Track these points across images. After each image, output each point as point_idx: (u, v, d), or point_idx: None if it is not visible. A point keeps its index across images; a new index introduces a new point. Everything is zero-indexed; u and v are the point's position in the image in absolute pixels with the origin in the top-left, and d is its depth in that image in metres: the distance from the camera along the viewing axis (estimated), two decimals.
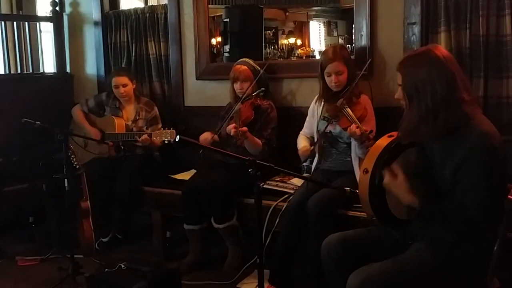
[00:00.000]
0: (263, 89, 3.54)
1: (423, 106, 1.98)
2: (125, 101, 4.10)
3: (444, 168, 2.00)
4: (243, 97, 3.50)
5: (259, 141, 3.42)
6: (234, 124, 3.31)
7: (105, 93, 4.28)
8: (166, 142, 3.64)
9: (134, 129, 4.02)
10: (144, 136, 3.75)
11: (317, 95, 3.31)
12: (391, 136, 2.22)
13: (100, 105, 4.25)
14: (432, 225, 2.05)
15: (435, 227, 2.04)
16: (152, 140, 3.76)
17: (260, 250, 2.18)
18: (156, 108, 4.13)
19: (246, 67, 3.57)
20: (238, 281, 3.30)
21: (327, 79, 3.16)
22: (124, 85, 4.03)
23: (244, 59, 3.67)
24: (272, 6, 6.50)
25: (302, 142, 3.30)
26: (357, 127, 2.84)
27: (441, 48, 2.07)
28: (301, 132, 3.40)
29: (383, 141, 2.22)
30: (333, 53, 3.12)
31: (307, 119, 3.39)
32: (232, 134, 3.31)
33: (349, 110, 2.97)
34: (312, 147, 3.14)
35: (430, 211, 2.00)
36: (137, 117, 4.08)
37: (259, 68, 3.61)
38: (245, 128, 3.30)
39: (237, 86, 3.57)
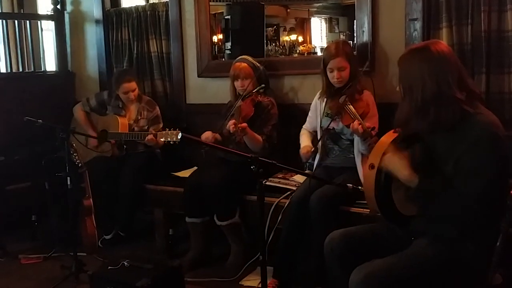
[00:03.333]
0: (263, 85, 3.53)
1: (414, 101, 2.02)
2: (128, 101, 4.09)
3: (447, 161, 2.01)
4: (243, 94, 3.50)
5: (259, 137, 3.41)
6: (233, 121, 3.31)
7: (107, 91, 4.28)
8: (171, 143, 3.64)
9: (136, 128, 4.02)
10: (150, 136, 3.75)
11: (320, 91, 3.31)
12: (396, 132, 2.22)
13: (102, 104, 4.24)
14: (434, 221, 2.06)
15: (438, 223, 2.04)
16: (157, 141, 3.76)
17: (263, 247, 2.18)
18: (157, 108, 4.12)
19: (246, 64, 3.56)
20: (241, 278, 3.31)
21: (329, 75, 3.15)
22: (134, 90, 4.02)
23: (243, 56, 3.66)
24: (273, 3, 6.49)
25: (304, 141, 3.30)
26: (359, 124, 2.84)
27: (441, 44, 2.07)
28: (303, 127, 3.40)
29: (389, 137, 2.22)
30: (336, 49, 3.12)
31: (309, 114, 3.39)
32: (231, 130, 3.31)
33: (351, 107, 2.96)
34: (312, 148, 3.14)
35: (430, 201, 2.01)
36: (139, 117, 4.07)
37: (258, 65, 3.61)
38: (244, 124, 3.30)
39: (237, 83, 3.56)
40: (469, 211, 1.92)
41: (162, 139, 3.65)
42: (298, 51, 6.67)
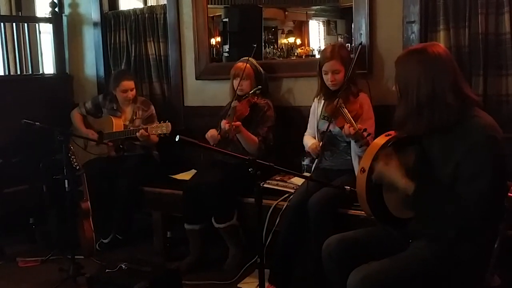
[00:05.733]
0: (259, 87, 3.54)
1: (410, 103, 2.03)
2: (124, 102, 4.09)
3: (445, 163, 2.01)
4: (237, 94, 3.50)
5: (254, 137, 3.42)
6: (226, 120, 3.32)
7: (102, 95, 4.29)
8: (162, 135, 3.64)
9: (131, 128, 4.01)
10: (141, 131, 3.75)
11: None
12: (388, 135, 2.23)
13: (97, 107, 4.26)
14: (432, 222, 2.06)
15: (435, 224, 2.05)
16: (149, 135, 3.75)
17: (261, 250, 2.18)
18: (152, 107, 4.13)
19: (248, 65, 3.57)
20: (239, 281, 3.30)
21: (324, 77, 3.16)
22: (132, 89, 4.03)
23: (247, 57, 3.67)
24: (271, 6, 6.51)
25: (310, 140, 3.30)
26: (350, 126, 2.84)
27: (439, 47, 2.07)
28: (305, 133, 3.41)
29: (380, 140, 2.22)
30: (331, 52, 3.13)
31: (309, 118, 3.40)
32: (226, 129, 3.31)
33: (345, 109, 2.97)
34: (320, 142, 3.14)
35: (428, 204, 2.01)
36: (134, 117, 4.08)
37: (261, 69, 3.63)
38: (238, 123, 3.31)
39: (236, 82, 3.57)
40: (469, 213, 1.92)
41: (153, 133, 3.67)
42: (296, 54, 6.68)
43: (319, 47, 7.06)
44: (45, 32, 5.11)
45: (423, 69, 2.00)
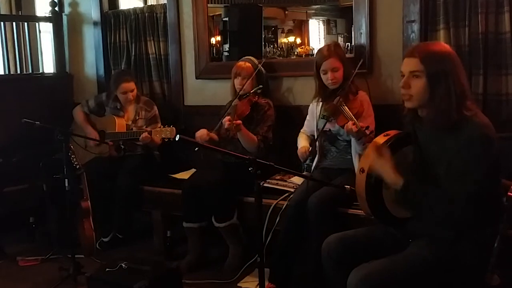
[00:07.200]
0: (260, 86, 3.54)
1: (446, 94, 1.99)
2: (126, 102, 4.09)
3: (441, 162, 2.02)
4: (239, 93, 3.50)
5: (254, 136, 3.41)
6: (229, 117, 3.33)
7: (105, 93, 4.28)
8: (166, 140, 3.64)
9: (134, 129, 4.01)
10: (145, 134, 3.74)
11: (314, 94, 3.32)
12: (387, 135, 2.23)
13: (101, 106, 4.25)
14: (429, 222, 2.06)
15: (433, 224, 2.05)
16: (152, 138, 3.75)
17: (261, 249, 2.18)
18: (155, 108, 4.12)
19: (249, 64, 3.57)
20: (239, 280, 3.31)
21: (323, 77, 3.16)
22: (132, 90, 4.03)
23: (249, 57, 3.67)
24: (271, 5, 6.50)
25: (301, 142, 3.31)
26: (353, 124, 2.84)
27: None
28: (301, 130, 3.41)
29: (379, 140, 2.23)
30: (328, 50, 3.13)
31: (307, 118, 3.40)
32: (226, 126, 3.31)
33: (345, 107, 2.97)
34: (310, 148, 3.15)
35: (416, 203, 2.03)
36: (137, 117, 4.08)
37: (262, 69, 3.63)
38: (239, 121, 3.31)
39: (237, 81, 3.57)
40: (457, 211, 1.92)
41: (157, 136, 3.68)
42: (296, 53, 6.67)
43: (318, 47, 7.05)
44: (45, 31, 5.11)
45: (455, 71, 2.00)
